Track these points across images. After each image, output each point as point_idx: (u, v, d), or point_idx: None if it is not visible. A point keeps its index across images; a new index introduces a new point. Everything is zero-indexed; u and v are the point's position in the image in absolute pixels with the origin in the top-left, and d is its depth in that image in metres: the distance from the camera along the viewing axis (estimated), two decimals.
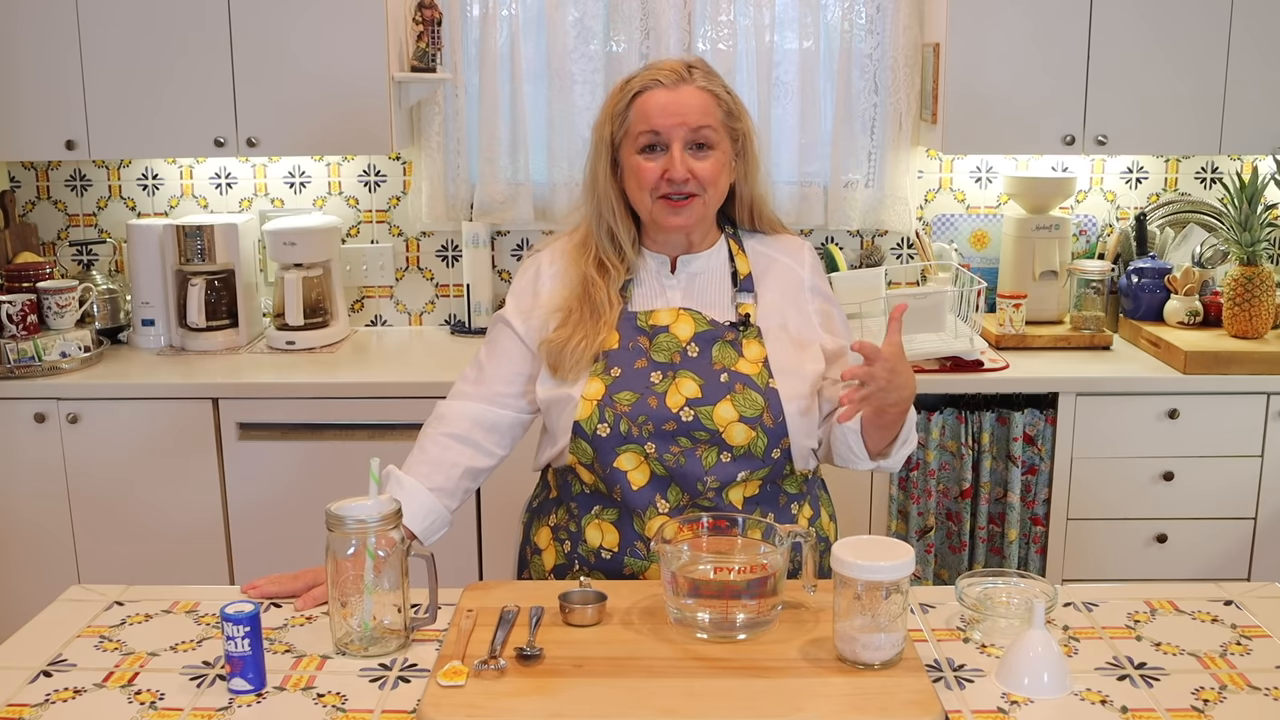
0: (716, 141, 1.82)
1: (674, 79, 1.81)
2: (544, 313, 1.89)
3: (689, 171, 1.80)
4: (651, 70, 1.84)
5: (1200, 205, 3.46)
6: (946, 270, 3.33)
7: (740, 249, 1.93)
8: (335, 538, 1.57)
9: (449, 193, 3.42)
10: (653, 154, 1.81)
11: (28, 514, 3.01)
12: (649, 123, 1.80)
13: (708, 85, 1.83)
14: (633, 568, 1.83)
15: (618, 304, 1.86)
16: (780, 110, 3.39)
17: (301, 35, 3.05)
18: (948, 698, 1.46)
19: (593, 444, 1.80)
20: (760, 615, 1.58)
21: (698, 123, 1.80)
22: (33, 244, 3.46)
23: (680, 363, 1.82)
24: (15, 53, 3.06)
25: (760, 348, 1.85)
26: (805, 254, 1.97)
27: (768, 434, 1.80)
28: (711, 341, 1.84)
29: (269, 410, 2.96)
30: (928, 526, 3.03)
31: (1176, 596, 1.75)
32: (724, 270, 1.92)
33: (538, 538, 1.95)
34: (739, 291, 1.89)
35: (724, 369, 1.82)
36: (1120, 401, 2.95)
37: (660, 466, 1.79)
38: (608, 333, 1.84)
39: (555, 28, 3.30)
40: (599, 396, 1.80)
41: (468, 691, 1.45)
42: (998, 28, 3.08)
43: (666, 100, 1.80)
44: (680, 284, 1.90)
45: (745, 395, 1.80)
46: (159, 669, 1.56)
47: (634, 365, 1.82)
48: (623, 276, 1.88)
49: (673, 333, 1.84)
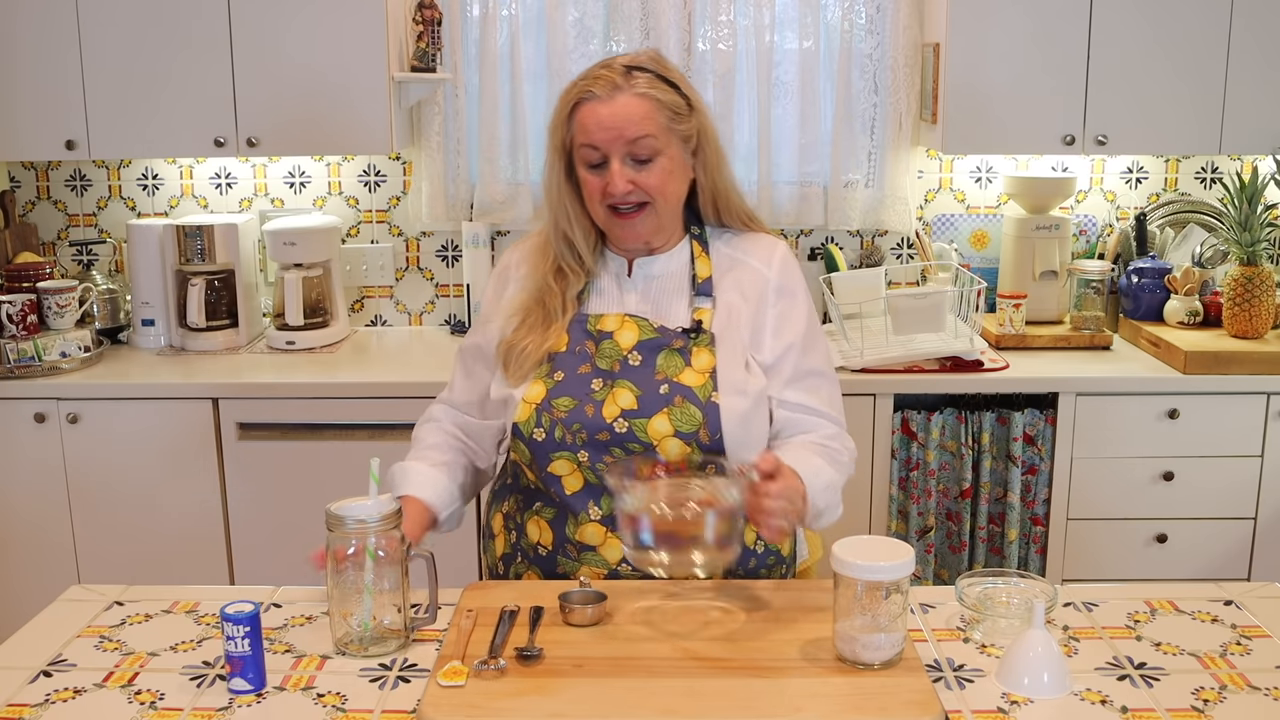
0: (660, 148, 1.75)
1: (609, 88, 1.73)
2: (503, 316, 1.89)
3: (631, 184, 1.75)
4: (588, 78, 1.76)
5: (1200, 205, 3.46)
6: (946, 270, 3.33)
7: (704, 250, 1.87)
8: (335, 538, 1.57)
9: (449, 193, 3.42)
10: (597, 168, 1.77)
11: (28, 514, 3.01)
12: (588, 136, 1.74)
13: (647, 90, 1.74)
14: (565, 568, 1.82)
15: (572, 308, 1.84)
16: (780, 110, 3.39)
17: (301, 35, 3.05)
18: (948, 698, 1.46)
19: (529, 447, 1.79)
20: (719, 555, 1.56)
21: (635, 134, 1.73)
22: (33, 244, 3.46)
23: (620, 371, 1.79)
24: (15, 53, 3.06)
25: (710, 356, 1.79)
26: (776, 254, 1.88)
27: (703, 450, 1.75)
28: (657, 350, 1.80)
29: (269, 410, 2.96)
30: (928, 526, 3.03)
31: (1176, 596, 1.75)
32: (683, 273, 1.86)
33: (493, 522, 1.96)
34: (696, 295, 1.84)
35: (665, 379, 1.77)
36: (1120, 401, 2.95)
37: (593, 475, 1.78)
38: (557, 335, 1.82)
39: (555, 28, 3.30)
40: (538, 400, 1.79)
41: (468, 691, 1.45)
42: (998, 28, 3.08)
43: (602, 113, 1.73)
44: (637, 287, 1.86)
45: (683, 409, 1.75)
46: (159, 669, 1.56)
47: (577, 370, 1.80)
48: (581, 281, 1.85)
49: (616, 340, 1.81)
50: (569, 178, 1.82)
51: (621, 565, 1.78)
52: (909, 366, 2.96)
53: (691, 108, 1.80)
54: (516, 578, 1.89)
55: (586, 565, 1.80)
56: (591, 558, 1.79)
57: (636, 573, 1.76)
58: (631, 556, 1.60)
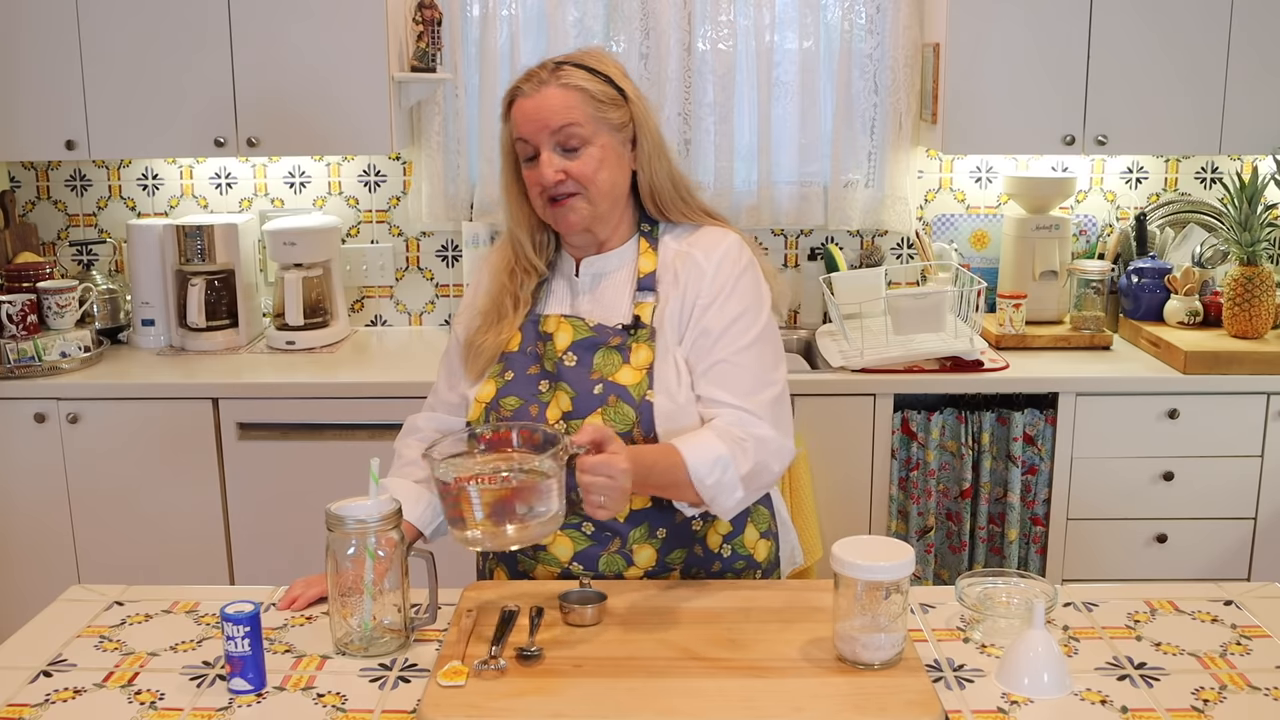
0: (588, 137, 1.76)
1: (535, 84, 1.77)
2: (472, 314, 1.91)
3: (562, 173, 1.76)
4: (522, 78, 1.80)
5: (1200, 205, 3.46)
6: (946, 270, 3.33)
7: (652, 246, 1.86)
8: (335, 538, 1.57)
9: (449, 193, 3.42)
10: (532, 161, 1.79)
11: (28, 514, 3.01)
12: (518, 130, 1.78)
13: (572, 81, 1.76)
14: (524, 565, 1.85)
15: (525, 304, 1.86)
16: (780, 110, 3.39)
17: (301, 35, 3.05)
18: (948, 698, 1.46)
19: None
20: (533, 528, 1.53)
21: (559, 123, 1.75)
22: (33, 244, 3.46)
23: (558, 373, 1.80)
24: (15, 53, 3.06)
25: (650, 352, 1.78)
26: (721, 245, 1.83)
27: None
28: (593, 349, 1.80)
29: (269, 410, 2.96)
30: (928, 526, 3.03)
31: (1176, 596, 1.75)
32: (629, 270, 1.86)
33: None
34: (638, 290, 1.83)
35: (600, 379, 1.77)
36: (1120, 401, 2.95)
37: None
38: (510, 334, 1.84)
39: (555, 28, 3.30)
40: (488, 399, 1.82)
41: (468, 691, 1.45)
42: (998, 28, 3.08)
43: (529, 107, 1.76)
44: (586, 286, 1.87)
45: (617, 409, 1.75)
46: (159, 669, 1.56)
47: (526, 370, 1.83)
48: (533, 280, 1.87)
49: (553, 341, 1.82)
50: (516, 179, 1.85)
51: (572, 564, 1.79)
52: (909, 366, 2.96)
53: (626, 99, 1.80)
54: (489, 574, 1.93)
55: (541, 564, 1.82)
56: (544, 556, 1.81)
57: (588, 572, 1.78)
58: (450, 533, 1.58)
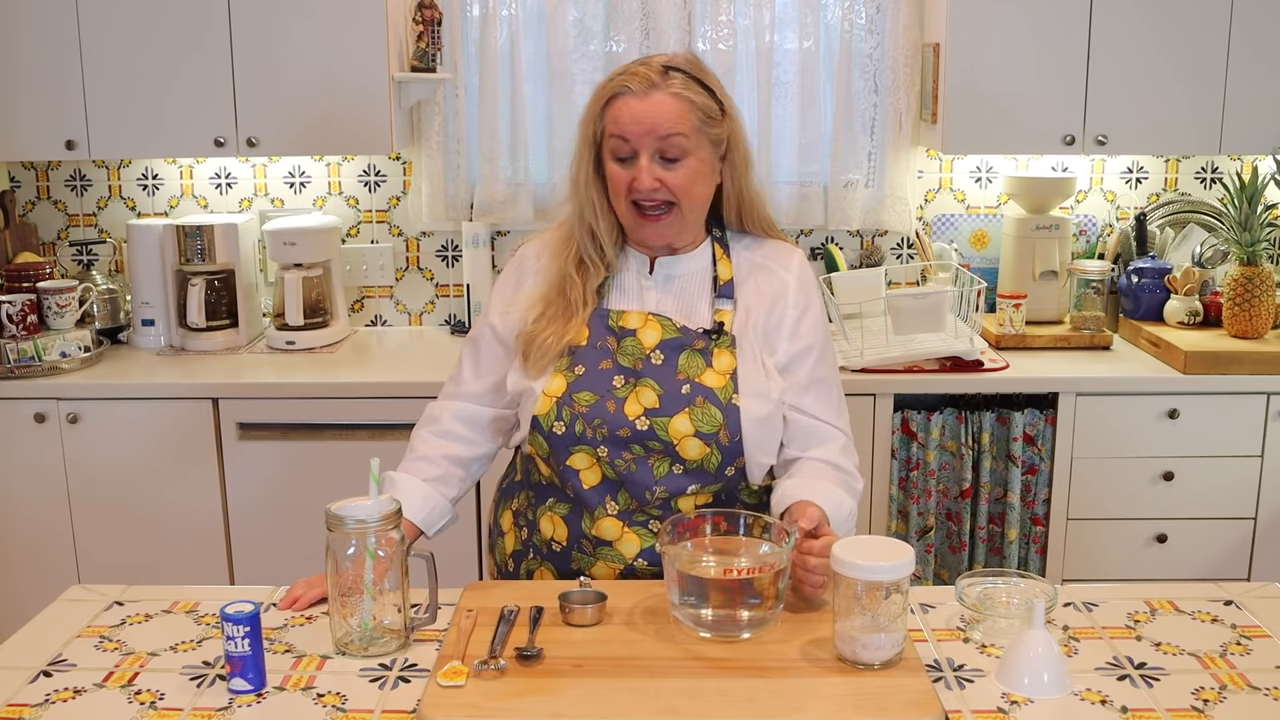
0: (690, 149, 1.76)
1: (645, 85, 1.74)
2: (523, 306, 1.89)
3: (658, 182, 1.76)
4: (625, 74, 1.77)
5: (1200, 205, 3.46)
6: (946, 270, 3.33)
7: (725, 253, 1.89)
8: (335, 538, 1.57)
9: (449, 193, 3.42)
10: (625, 162, 1.78)
11: (28, 514, 3.01)
12: (619, 128, 1.75)
13: (682, 91, 1.75)
14: (580, 563, 1.83)
15: (592, 302, 1.84)
16: (780, 110, 3.39)
17: (301, 35, 3.05)
18: (948, 698, 1.46)
19: (548, 440, 1.80)
20: (765, 614, 1.58)
21: (667, 131, 1.74)
22: (33, 244, 3.46)
23: (643, 370, 1.80)
24: (15, 53, 3.06)
25: (731, 358, 1.80)
26: (794, 260, 1.90)
27: (722, 451, 1.77)
28: (679, 349, 1.81)
29: (269, 410, 2.96)
30: (928, 526, 3.03)
31: (1176, 596, 1.75)
32: (705, 274, 1.87)
33: (502, 520, 1.96)
34: (718, 297, 1.85)
35: (687, 379, 1.78)
36: (1120, 401, 2.95)
37: (611, 470, 1.79)
38: (578, 329, 1.83)
39: (555, 28, 3.30)
40: (559, 394, 1.80)
41: (468, 691, 1.45)
42: (998, 28, 3.08)
43: (637, 108, 1.74)
44: (657, 285, 1.87)
45: (704, 410, 1.76)
46: (159, 669, 1.56)
47: (599, 365, 1.81)
48: (602, 275, 1.86)
49: (639, 338, 1.82)
50: (597, 171, 1.83)
51: (637, 561, 1.79)
52: (909, 366, 2.96)
53: (724, 113, 1.81)
54: (528, 575, 1.90)
55: (602, 560, 1.80)
56: (608, 553, 1.80)
57: (652, 568, 1.77)
58: (677, 615, 1.60)
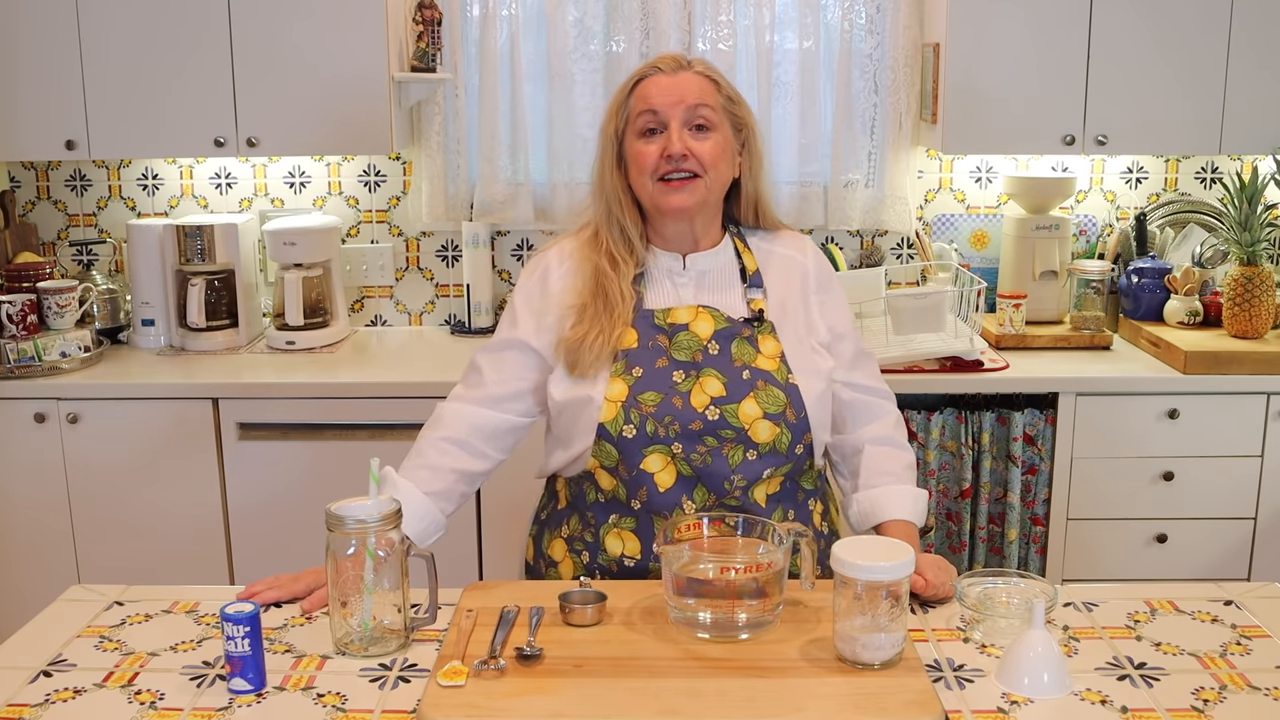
0: (716, 123, 1.83)
1: (673, 66, 1.85)
2: (557, 310, 1.87)
3: (687, 149, 1.80)
4: (653, 61, 1.88)
5: (1200, 205, 3.46)
6: (946, 270, 3.33)
7: (745, 246, 1.94)
8: (335, 538, 1.57)
9: (449, 193, 3.42)
10: (652, 137, 1.82)
11: (28, 514, 3.01)
12: (648, 103, 1.82)
13: (706, 71, 1.87)
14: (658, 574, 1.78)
15: (631, 297, 1.84)
16: (780, 110, 3.39)
17: (302, 35, 3.05)
18: (948, 698, 1.46)
19: (618, 446, 1.78)
20: (763, 615, 1.58)
21: (695, 101, 1.82)
22: (33, 244, 3.46)
23: (703, 361, 1.82)
24: (15, 53, 3.06)
25: (776, 343, 1.85)
26: (808, 246, 1.98)
27: (791, 429, 1.80)
28: (731, 338, 1.84)
29: (269, 410, 2.96)
30: (928, 526, 3.03)
31: (1176, 596, 1.75)
32: (732, 267, 1.92)
33: (552, 550, 1.92)
34: (749, 287, 1.89)
35: (745, 366, 1.82)
36: (1120, 401, 2.95)
37: (687, 466, 1.79)
38: (624, 328, 1.82)
39: (555, 28, 3.30)
40: (623, 398, 1.78)
41: (468, 691, 1.45)
42: (998, 28, 3.08)
43: (666, 83, 1.83)
44: (691, 281, 1.89)
45: (768, 392, 1.80)
46: (159, 669, 1.56)
47: (655, 365, 1.81)
48: (633, 271, 1.86)
49: (693, 331, 1.84)
50: (619, 166, 1.87)
51: None
52: (909, 366, 2.96)
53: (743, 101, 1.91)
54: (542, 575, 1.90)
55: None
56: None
57: None
58: (675, 616, 1.60)
